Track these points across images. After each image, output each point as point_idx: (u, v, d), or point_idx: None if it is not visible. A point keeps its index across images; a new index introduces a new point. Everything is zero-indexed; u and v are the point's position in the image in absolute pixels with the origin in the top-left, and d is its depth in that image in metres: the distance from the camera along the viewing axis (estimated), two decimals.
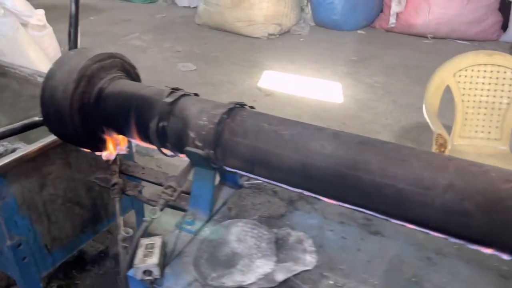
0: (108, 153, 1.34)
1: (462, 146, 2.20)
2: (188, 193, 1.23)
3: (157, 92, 1.19)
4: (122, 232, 1.15)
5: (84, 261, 2.04)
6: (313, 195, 1.02)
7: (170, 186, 1.17)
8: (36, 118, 1.28)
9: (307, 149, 0.96)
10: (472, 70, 2.16)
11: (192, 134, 1.09)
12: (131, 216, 2.03)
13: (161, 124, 1.12)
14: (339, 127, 3.38)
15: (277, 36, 5.83)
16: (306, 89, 4.17)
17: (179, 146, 1.13)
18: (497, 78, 2.15)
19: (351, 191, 0.92)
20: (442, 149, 1.85)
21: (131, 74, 1.34)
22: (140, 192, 1.38)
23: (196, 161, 1.12)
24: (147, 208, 1.98)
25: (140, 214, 2.00)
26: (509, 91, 2.14)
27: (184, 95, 1.17)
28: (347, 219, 1.19)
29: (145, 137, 1.19)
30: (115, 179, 1.35)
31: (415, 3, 5.62)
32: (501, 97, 2.15)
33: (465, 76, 2.16)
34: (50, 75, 1.21)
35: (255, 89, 4.17)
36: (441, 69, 2.16)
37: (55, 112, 1.20)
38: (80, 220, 1.64)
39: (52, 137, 1.45)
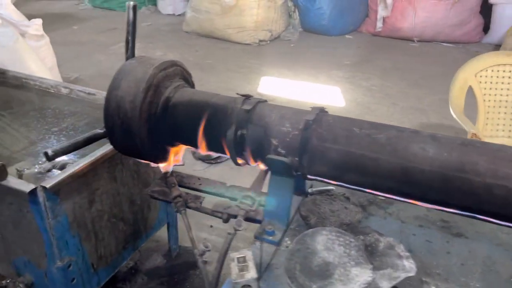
0: (167, 165, 1.30)
1: None
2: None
3: (229, 100, 1.15)
4: (202, 246, 1.10)
5: (115, 278, 1.95)
6: (406, 200, 1.01)
7: (249, 196, 1.13)
8: (98, 130, 1.22)
9: (407, 153, 0.95)
10: (492, 71, 2.21)
11: (274, 142, 1.06)
12: (162, 231, 1.96)
13: (239, 133, 1.08)
14: None
15: (268, 42, 5.83)
16: (307, 94, 4.18)
17: (258, 155, 1.10)
18: None
19: (457, 193, 0.91)
20: None
21: (189, 82, 1.30)
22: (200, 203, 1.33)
23: (277, 169, 1.09)
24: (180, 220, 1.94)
25: (173, 226, 1.94)
26: None
27: (259, 101, 1.14)
28: (425, 222, 1.18)
29: (217, 146, 1.14)
30: (176, 191, 1.30)
31: (401, 7, 5.75)
32: None
33: (486, 76, 2.21)
34: (114, 85, 1.15)
35: (257, 95, 4.13)
36: (463, 69, 2.21)
37: (121, 123, 1.14)
38: (123, 236, 1.57)
39: (101, 151, 1.38)
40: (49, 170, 1.35)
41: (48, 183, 1.23)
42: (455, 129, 3.50)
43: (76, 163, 1.33)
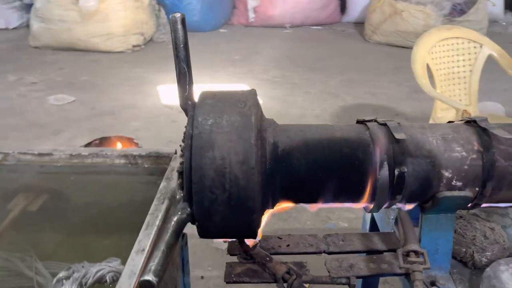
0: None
1: (444, 118, 2.33)
2: None
3: (358, 131, 0.86)
4: None
5: None
6: None
7: (414, 252, 0.87)
8: (181, 216, 0.79)
9: None
10: (439, 46, 2.29)
11: (447, 174, 0.82)
12: None
13: (397, 171, 0.81)
14: None
15: (142, 46, 5.28)
16: None
17: (420, 194, 0.84)
18: (457, 49, 2.34)
19: None
20: None
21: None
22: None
23: (448, 207, 0.85)
24: None
25: None
26: (469, 59, 2.35)
27: (399, 123, 0.87)
28: None
29: (354, 195, 0.85)
30: (280, 266, 0.94)
31: None
32: (464, 66, 2.35)
33: (436, 52, 2.29)
34: (203, 144, 0.75)
35: (164, 107, 3.68)
36: (418, 49, 2.23)
37: (229, 197, 0.75)
38: None
39: None
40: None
41: None
42: (381, 108, 3.67)
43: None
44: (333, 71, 4.40)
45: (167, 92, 3.99)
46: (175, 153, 1.28)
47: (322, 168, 0.82)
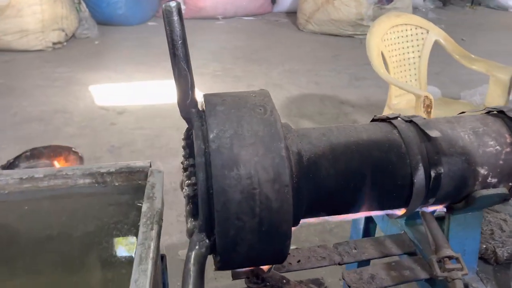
0: None
1: (398, 104, 2.35)
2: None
3: (384, 131, 0.76)
4: None
5: None
6: None
7: (451, 257, 0.80)
8: (198, 250, 0.64)
9: None
10: (391, 33, 2.30)
11: (482, 171, 0.76)
12: None
13: (433, 173, 0.73)
14: None
15: (64, 43, 4.81)
16: (159, 95, 3.64)
17: (454, 196, 0.77)
18: (406, 36, 2.36)
19: None
20: (429, 110, 1.93)
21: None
22: None
23: (483, 205, 0.79)
24: None
25: None
26: (418, 45, 2.39)
27: (409, 120, 0.79)
28: None
29: (390, 203, 0.76)
30: None
31: None
32: (413, 52, 2.39)
33: (388, 39, 2.29)
34: (224, 161, 0.61)
35: (100, 109, 3.36)
36: (372, 37, 2.21)
37: (259, 223, 0.62)
38: None
39: None
40: None
41: None
42: (326, 97, 3.66)
43: None
44: (273, 62, 4.33)
45: (101, 93, 3.66)
46: (150, 166, 1.11)
47: (353, 176, 0.71)
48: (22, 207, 1.01)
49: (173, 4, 0.65)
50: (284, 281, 0.85)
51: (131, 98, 3.56)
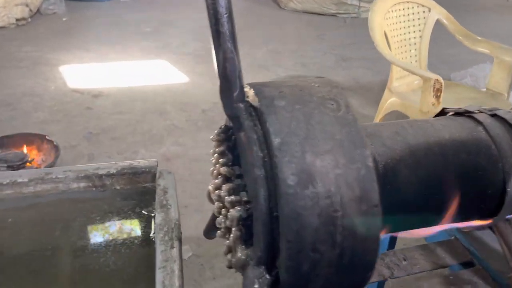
0: None
1: (399, 87, 2.24)
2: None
3: (459, 126, 0.62)
4: None
5: None
6: None
7: None
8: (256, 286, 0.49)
9: None
10: (393, 11, 2.16)
11: None
12: None
13: None
14: None
15: (29, 20, 4.44)
16: (136, 76, 3.40)
17: None
18: (408, 14, 2.23)
19: None
20: (439, 94, 1.82)
21: None
22: None
23: None
24: None
25: None
26: (419, 25, 2.27)
27: (493, 114, 0.65)
28: None
29: (476, 214, 0.63)
30: None
31: None
32: (414, 32, 2.27)
33: (390, 18, 2.15)
34: (299, 178, 0.46)
35: (73, 92, 3.10)
36: (374, 15, 2.07)
37: (340, 255, 0.48)
38: None
39: None
40: None
41: None
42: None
43: None
44: (256, 42, 4.14)
45: (73, 74, 3.39)
46: (157, 165, 0.94)
47: (437, 185, 0.58)
48: (4, 219, 0.83)
49: None
50: None
51: (106, 80, 3.31)
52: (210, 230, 0.89)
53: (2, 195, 0.84)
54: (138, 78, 3.37)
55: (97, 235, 0.81)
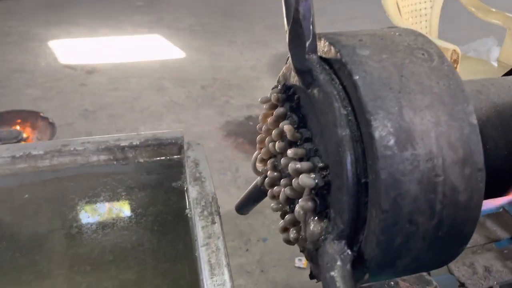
0: None
1: None
2: None
3: None
4: None
5: None
6: None
7: None
8: (341, 268, 0.42)
9: None
10: None
11: None
12: None
13: None
14: (225, 84, 2.85)
15: None
16: (130, 52, 3.27)
17: None
18: None
19: None
20: (456, 65, 1.76)
21: None
22: None
23: None
24: None
25: None
26: None
27: None
28: None
29: None
30: None
31: None
32: (425, 2, 2.19)
33: None
34: (396, 138, 0.39)
35: (66, 68, 2.97)
36: None
37: (437, 226, 0.41)
38: None
39: None
40: None
41: None
42: None
43: None
44: (253, 16, 4.02)
45: (64, 50, 3.24)
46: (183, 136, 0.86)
47: None
48: (20, 196, 0.75)
49: None
50: (392, 283, 0.66)
51: (99, 56, 3.18)
52: (245, 205, 0.83)
53: (15, 169, 0.75)
54: (132, 53, 3.24)
55: (125, 212, 0.74)
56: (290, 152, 0.48)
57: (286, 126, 0.49)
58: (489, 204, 0.88)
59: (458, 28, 3.49)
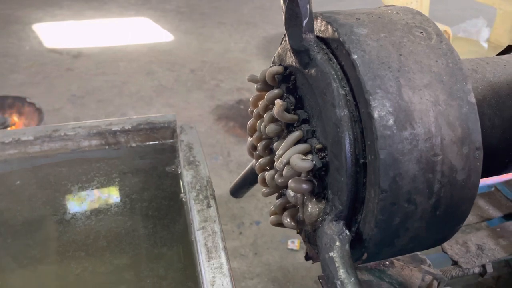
0: None
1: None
2: None
3: None
4: None
5: None
6: None
7: None
8: (340, 248, 0.42)
9: None
10: None
11: None
12: None
13: None
14: (214, 67, 2.82)
15: None
16: (117, 35, 3.21)
17: None
18: None
19: None
20: None
21: None
22: None
23: None
24: None
25: None
26: None
27: None
28: None
29: None
30: (414, 272, 0.66)
31: None
32: None
33: None
34: (395, 117, 0.38)
35: (51, 52, 2.90)
36: None
37: (435, 206, 0.42)
38: None
39: None
40: None
41: None
42: None
43: None
44: None
45: (48, 33, 3.16)
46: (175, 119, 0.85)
47: None
48: (11, 183, 0.73)
49: None
50: (387, 263, 0.67)
51: (85, 40, 3.11)
52: (240, 189, 0.83)
53: (4, 156, 0.74)
54: (119, 36, 3.18)
55: (118, 197, 0.73)
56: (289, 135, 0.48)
57: (277, 101, 0.48)
58: (481, 183, 0.89)
59: (448, 9, 3.49)
